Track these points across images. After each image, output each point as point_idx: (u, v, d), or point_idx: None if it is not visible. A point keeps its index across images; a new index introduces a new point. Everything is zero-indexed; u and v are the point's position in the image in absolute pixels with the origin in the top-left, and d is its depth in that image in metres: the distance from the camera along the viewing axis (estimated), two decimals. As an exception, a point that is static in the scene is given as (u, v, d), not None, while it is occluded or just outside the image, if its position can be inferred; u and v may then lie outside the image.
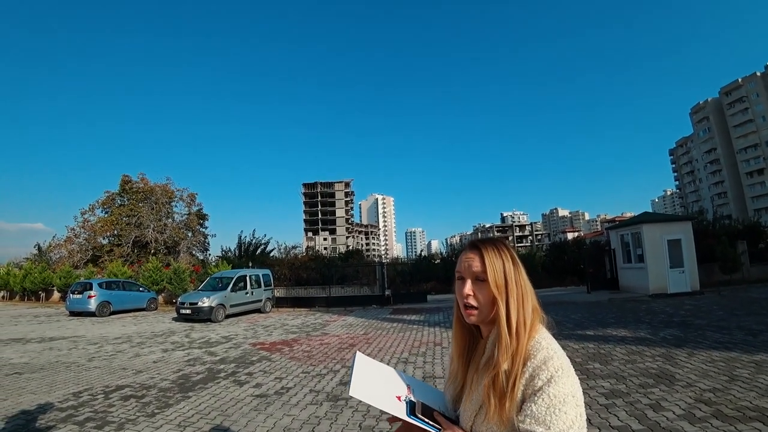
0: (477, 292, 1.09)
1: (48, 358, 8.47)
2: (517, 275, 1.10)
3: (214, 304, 14.26)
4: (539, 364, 0.99)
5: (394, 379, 1.20)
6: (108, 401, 5.46)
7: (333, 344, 9.31)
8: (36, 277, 25.10)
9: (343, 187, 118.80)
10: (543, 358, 1.00)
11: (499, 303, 1.06)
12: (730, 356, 6.27)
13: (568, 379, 0.98)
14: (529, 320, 1.07)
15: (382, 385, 1.14)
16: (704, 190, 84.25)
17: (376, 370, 1.20)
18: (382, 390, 1.13)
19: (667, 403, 4.50)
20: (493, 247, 1.12)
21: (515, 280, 1.09)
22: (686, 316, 10.45)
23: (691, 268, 15.48)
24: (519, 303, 1.07)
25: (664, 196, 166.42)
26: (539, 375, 0.98)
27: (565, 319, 11.06)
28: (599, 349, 7.37)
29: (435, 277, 24.62)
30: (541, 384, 0.97)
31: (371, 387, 1.12)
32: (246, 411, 4.96)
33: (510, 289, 1.07)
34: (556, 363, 0.99)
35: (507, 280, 1.08)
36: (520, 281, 1.10)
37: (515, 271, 1.10)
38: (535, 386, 0.97)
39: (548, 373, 0.97)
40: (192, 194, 32.47)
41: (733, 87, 74.44)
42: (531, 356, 1.01)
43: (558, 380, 0.96)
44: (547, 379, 0.97)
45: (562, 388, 0.96)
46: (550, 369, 0.98)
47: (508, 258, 1.11)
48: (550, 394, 0.95)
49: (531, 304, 1.09)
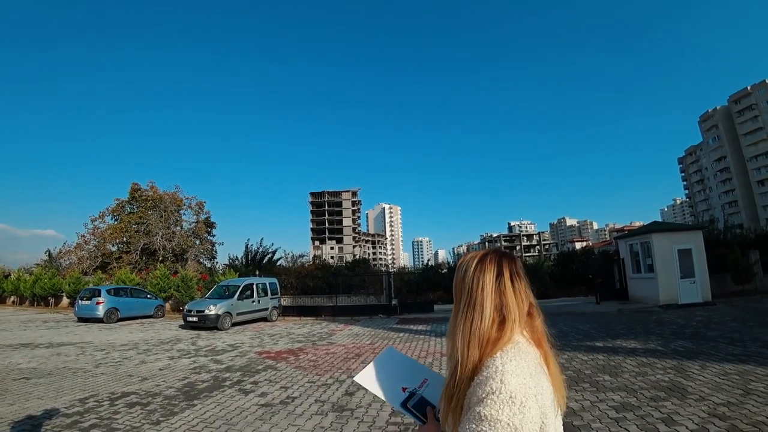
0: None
1: (55, 364, 8.50)
2: (476, 280, 1.06)
3: (220, 312, 14.28)
4: (480, 381, 0.94)
5: (414, 373, 1.22)
6: (113, 408, 5.46)
7: (339, 354, 9.26)
8: (46, 282, 25.34)
9: (350, 196, 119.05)
10: (486, 375, 0.94)
11: (454, 308, 1.10)
12: (744, 369, 6.13)
13: (507, 406, 0.88)
14: (475, 328, 1.02)
15: (395, 376, 1.18)
16: (714, 198, 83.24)
17: (398, 362, 1.23)
18: (390, 380, 1.17)
19: (680, 417, 4.40)
20: (473, 256, 1.13)
21: (470, 286, 1.06)
22: (698, 328, 10.27)
23: (702, 279, 15.25)
24: (467, 308, 1.04)
25: (674, 205, 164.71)
26: (476, 392, 0.93)
27: (574, 330, 10.92)
28: (609, 360, 7.25)
29: (442, 286, 24.42)
30: (475, 401, 0.92)
31: (380, 376, 1.17)
32: (251, 420, 4.92)
33: (463, 296, 1.07)
34: (494, 384, 0.91)
35: (464, 287, 1.08)
36: (475, 287, 1.05)
37: (476, 275, 1.06)
38: (471, 402, 0.94)
39: (483, 392, 0.91)
40: (200, 202, 32.80)
41: (742, 95, 73.83)
42: (479, 372, 0.97)
43: (491, 403, 0.89)
44: (481, 398, 0.91)
45: (494, 413, 0.88)
46: (486, 388, 0.92)
47: (474, 264, 1.09)
48: (480, 414, 0.89)
49: (487, 312, 1.02)
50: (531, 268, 26.48)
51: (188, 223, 32.39)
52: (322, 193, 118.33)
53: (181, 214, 32.05)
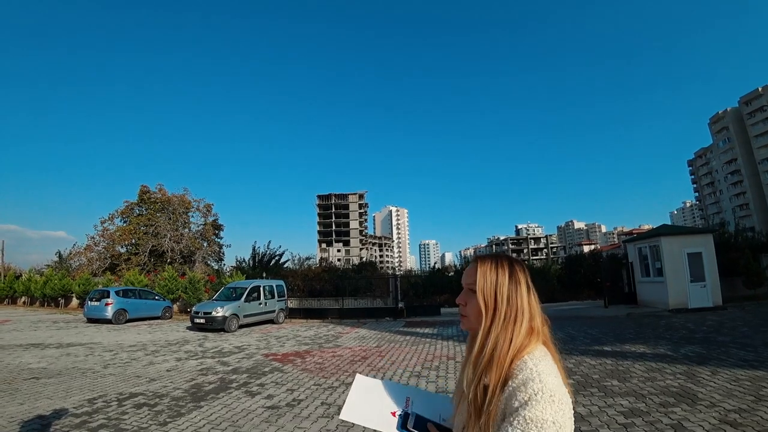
0: (468, 302, 1.11)
1: (65, 364, 8.60)
2: (511, 292, 1.07)
3: (227, 314, 14.35)
4: (518, 385, 0.95)
5: (393, 394, 1.19)
6: (121, 408, 5.50)
7: (345, 356, 9.26)
8: (56, 283, 25.64)
9: (357, 199, 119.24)
10: (523, 379, 0.96)
11: (484, 317, 1.06)
12: (756, 375, 6.04)
13: (550, 405, 0.91)
14: (515, 339, 1.03)
15: (378, 403, 1.15)
16: (725, 201, 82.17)
17: (374, 388, 1.20)
18: (376, 408, 1.14)
19: (690, 423, 4.34)
20: (492, 260, 1.12)
21: (506, 297, 1.07)
22: (708, 332, 10.13)
23: (712, 282, 15.04)
24: (507, 320, 1.05)
25: (684, 208, 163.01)
26: (516, 396, 0.94)
27: (582, 334, 10.82)
28: (617, 365, 7.17)
29: (448, 289, 24.33)
30: (517, 405, 0.93)
31: (364, 407, 1.14)
32: (257, 422, 4.94)
33: (499, 304, 1.06)
34: (535, 386, 0.93)
35: (497, 295, 1.07)
36: (513, 298, 1.07)
37: (510, 287, 1.08)
38: (512, 407, 0.94)
39: (526, 395, 0.93)
40: (208, 205, 33.04)
41: (753, 96, 72.87)
42: (513, 376, 0.98)
43: (536, 404, 0.91)
44: (524, 401, 0.92)
45: (539, 413, 0.90)
46: (528, 391, 0.93)
47: (505, 273, 1.09)
48: (526, 417, 0.90)
49: (524, 324, 1.05)
50: (538, 272, 26.32)
51: (196, 226, 32.66)
52: (329, 196, 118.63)
53: (189, 216, 32.33)
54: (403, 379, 6.95)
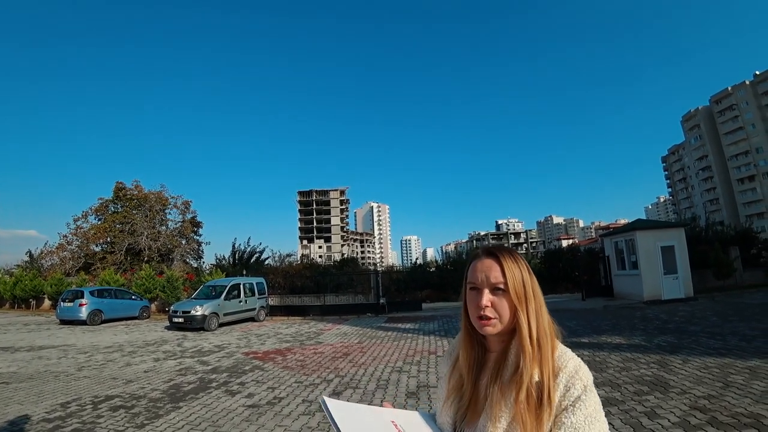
0: (495, 302, 1.04)
1: (36, 368, 8.32)
2: (533, 284, 1.06)
3: (207, 312, 14.13)
4: (572, 374, 0.97)
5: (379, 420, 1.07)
6: (96, 412, 5.36)
7: (327, 353, 9.23)
8: (27, 284, 24.75)
9: (339, 195, 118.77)
10: (574, 368, 0.98)
11: (520, 313, 1.02)
12: (724, 362, 6.27)
13: (594, 389, 0.98)
14: (549, 330, 1.04)
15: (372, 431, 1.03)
16: (696, 196, 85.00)
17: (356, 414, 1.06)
18: None
19: (663, 410, 4.48)
20: (510, 255, 1.08)
21: (533, 290, 1.05)
22: (680, 323, 10.47)
23: (684, 275, 15.54)
24: (538, 313, 1.04)
25: (658, 203, 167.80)
26: (575, 385, 0.96)
27: (560, 327, 11.03)
28: (594, 356, 7.35)
29: (430, 285, 24.56)
30: (578, 394, 0.95)
31: None
32: (237, 422, 4.88)
33: (529, 298, 1.04)
34: (587, 373, 0.99)
35: (526, 290, 1.04)
36: (536, 291, 1.06)
37: (531, 279, 1.06)
38: (572, 396, 0.95)
39: (583, 382, 0.96)
40: (186, 201, 32.31)
41: (723, 95, 75.52)
42: (562, 367, 0.99)
43: (592, 389, 0.97)
44: (583, 388, 0.96)
45: (595, 397, 0.96)
46: (583, 379, 0.97)
47: (525, 267, 1.07)
48: (588, 403, 0.94)
49: (546, 313, 1.06)
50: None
51: (174, 223, 31.89)
52: (310, 192, 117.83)
53: (166, 213, 31.54)
54: (385, 375, 6.97)
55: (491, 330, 1.04)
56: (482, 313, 1.04)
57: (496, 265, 1.05)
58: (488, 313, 1.03)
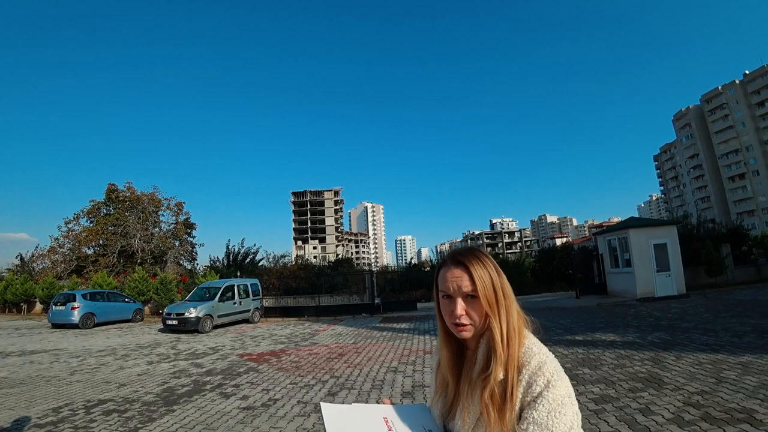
0: (469, 309, 1.06)
1: (28, 372, 8.21)
2: (502, 284, 1.08)
3: (201, 314, 14.04)
4: (535, 370, 0.98)
5: (370, 418, 1.11)
6: (89, 416, 5.30)
7: (322, 354, 9.20)
8: (18, 288, 24.47)
9: (333, 196, 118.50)
10: (537, 363, 0.99)
11: (491, 317, 1.05)
12: (717, 358, 6.32)
13: (563, 381, 0.98)
14: (517, 325, 1.06)
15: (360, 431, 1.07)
16: (688, 194, 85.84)
17: (347, 415, 1.11)
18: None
19: (656, 407, 4.51)
20: (477, 260, 1.09)
21: (502, 291, 1.07)
22: (673, 320, 10.56)
23: (677, 272, 15.68)
24: (509, 311, 1.06)
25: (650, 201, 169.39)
26: (536, 381, 0.97)
27: (555, 325, 11.09)
28: (588, 354, 7.38)
29: (425, 284, 24.56)
30: (539, 390, 0.96)
31: None
32: (232, 424, 4.84)
33: (500, 301, 1.06)
34: (551, 367, 0.99)
35: (496, 293, 1.06)
36: (505, 290, 1.08)
37: (500, 280, 1.08)
38: (534, 392, 0.97)
39: (545, 378, 0.97)
40: (179, 203, 32.05)
41: (713, 94, 76.34)
42: (525, 363, 1.01)
43: (555, 384, 0.96)
44: (545, 384, 0.96)
45: (559, 391, 0.96)
46: (546, 374, 0.98)
47: (493, 269, 1.09)
48: (549, 398, 0.94)
49: (516, 309, 1.08)
50: (513, 265, 26.86)
51: (167, 225, 31.62)
52: (304, 193, 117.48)
53: (159, 215, 31.25)
54: (380, 375, 6.96)
55: (468, 334, 1.08)
56: (458, 321, 1.07)
57: (465, 274, 1.07)
58: (464, 321, 1.07)
